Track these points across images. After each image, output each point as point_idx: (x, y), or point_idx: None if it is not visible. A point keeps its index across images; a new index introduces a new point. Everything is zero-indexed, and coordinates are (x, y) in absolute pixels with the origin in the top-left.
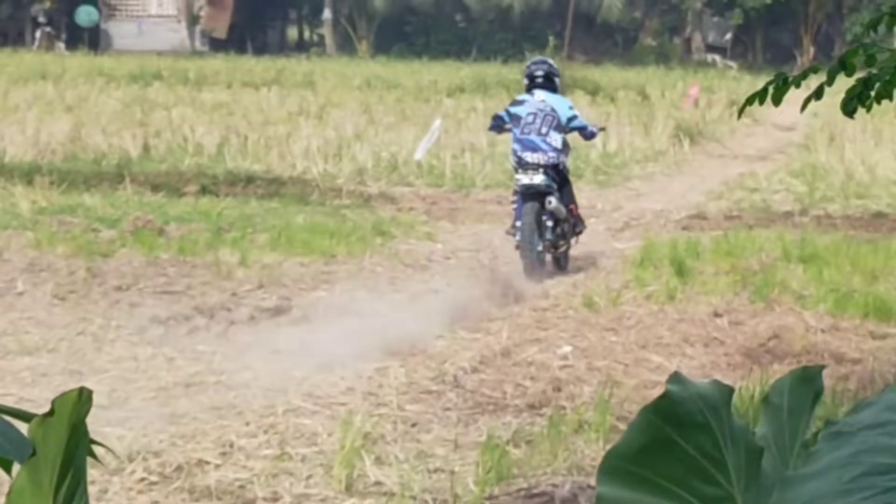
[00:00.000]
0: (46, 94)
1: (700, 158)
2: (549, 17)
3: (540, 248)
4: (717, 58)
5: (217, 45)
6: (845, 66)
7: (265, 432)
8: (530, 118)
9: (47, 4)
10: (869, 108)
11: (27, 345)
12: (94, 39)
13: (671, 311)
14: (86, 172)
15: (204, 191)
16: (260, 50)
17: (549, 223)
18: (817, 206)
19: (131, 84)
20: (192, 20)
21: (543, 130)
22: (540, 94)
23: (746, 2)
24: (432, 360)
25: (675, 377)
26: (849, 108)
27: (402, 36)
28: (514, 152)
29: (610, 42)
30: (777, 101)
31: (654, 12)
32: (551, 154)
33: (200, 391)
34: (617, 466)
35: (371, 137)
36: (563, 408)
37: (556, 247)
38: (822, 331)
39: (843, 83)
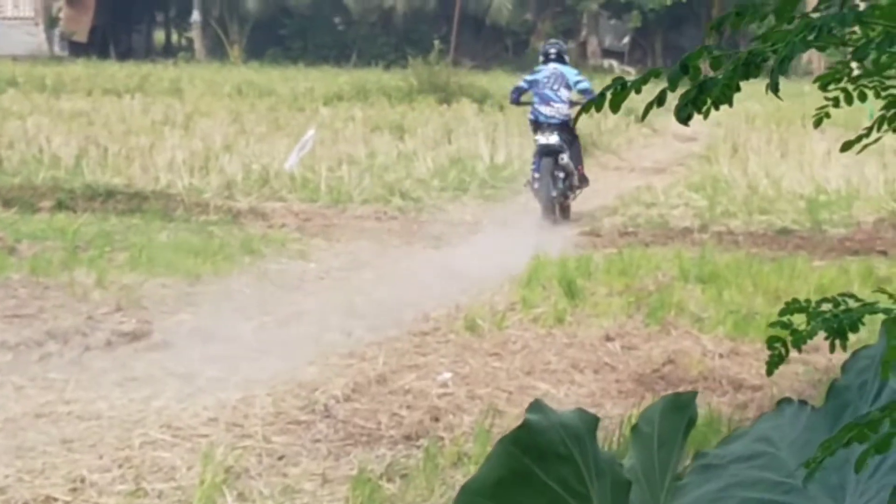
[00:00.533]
0: None
1: (594, 171)
2: (434, 19)
3: (554, 194)
4: (615, 63)
5: (78, 50)
6: (687, 70)
7: (119, 466)
8: (545, 79)
9: None
10: (706, 115)
11: None
12: None
13: (560, 334)
14: None
15: (60, 206)
16: (124, 55)
17: (561, 175)
18: (718, 221)
19: None
20: (51, 22)
21: (555, 87)
22: (552, 65)
23: (645, 3)
24: (302, 389)
25: (535, 405)
26: (683, 115)
27: (276, 40)
28: (533, 109)
29: (499, 46)
30: (615, 107)
31: (546, 14)
32: (562, 105)
33: (51, 422)
34: (472, 502)
35: (241, 149)
36: (441, 439)
37: (564, 196)
38: (721, 355)
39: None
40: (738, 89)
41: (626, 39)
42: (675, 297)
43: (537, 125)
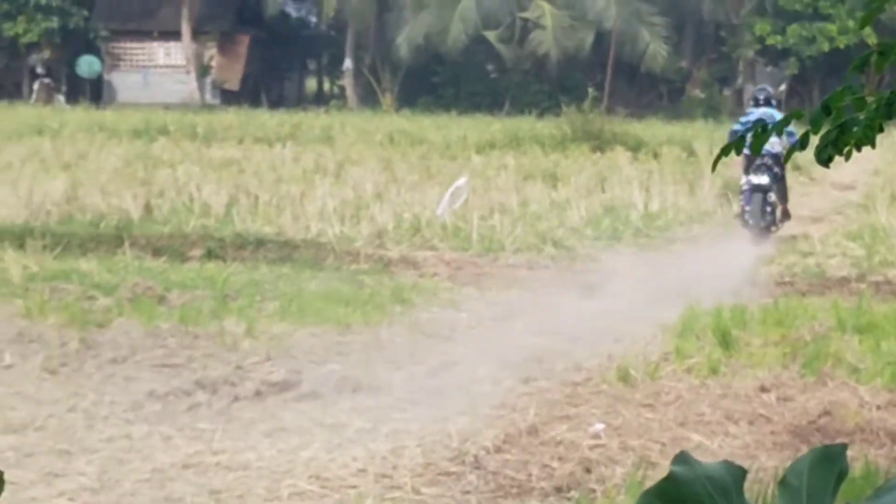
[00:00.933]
0: (42, 150)
1: None
2: (589, 66)
3: (763, 225)
4: None
5: (229, 98)
6: (830, 112)
7: None
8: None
9: (46, 54)
10: (848, 157)
11: (13, 422)
12: (96, 91)
13: (714, 385)
14: (82, 235)
15: (210, 255)
16: (276, 103)
17: (769, 209)
18: (876, 271)
19: (134, 140)
20: (203, 71)
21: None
22: (762, 108)
23: (802, 50)
24: (452, 439)
25: (681, 457)
26: (823, 156)
27: (429, 87)
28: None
29: (654, 94)
30: (756, 150)
31: (701, 62)
32: (774, 141)
33: (199, 473)
34: None
35: (392, 197)
36: (593, 491)
37: (769, 229)
38: (878, 407)
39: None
40: (881, 130)
41: (783, 87)
42: (831, 347)
43: (749, 165)
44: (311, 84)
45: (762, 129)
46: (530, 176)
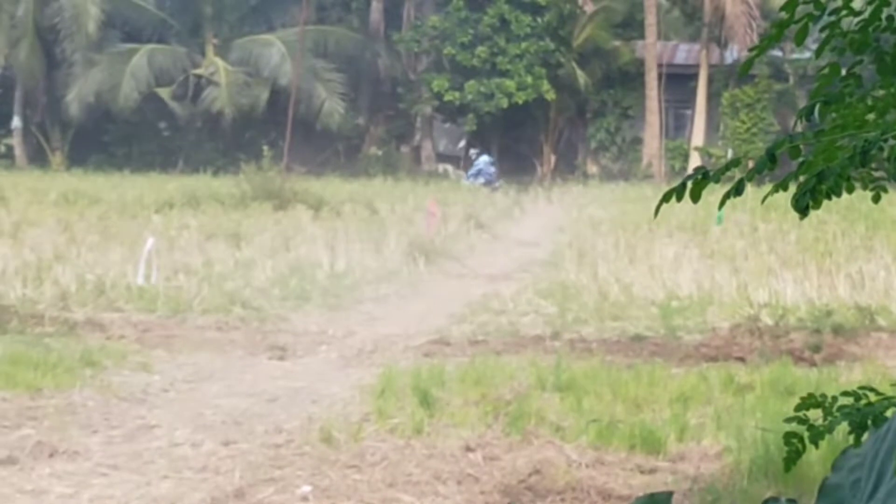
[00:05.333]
0: None
1: (438, 278)
2: (264, 123)
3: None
4: (450, 168)
5: None
6: (775, 160)
7: None
8: None
9: None
10: (818, 206)
11: None
12: None
13: (419, 445)
14: None
15: None
16: None
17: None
18: (570, 328)
19: None
20: None
21: None
22: (482, 157)
23: (481, 106)
24: None
25: None
26: (801, 204)
27: (100, 146)
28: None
29: (331, 151)
30: (696, 197)
31: (378, 119)
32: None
33: None
34: None
35: (73, 258)
36: None
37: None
38: (586, 465)
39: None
40: (848, 179)
41: (462, 144)
42: (533, 405)
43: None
44: None
45: (703, 176)
46: (213, 235)
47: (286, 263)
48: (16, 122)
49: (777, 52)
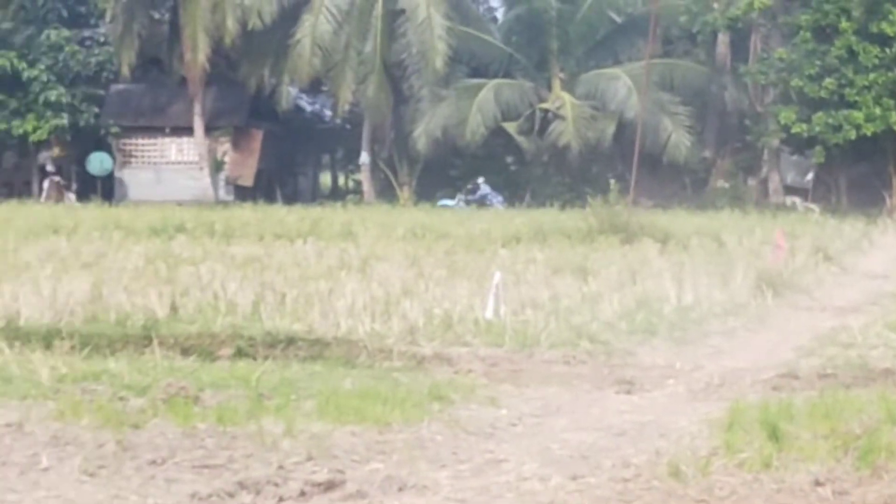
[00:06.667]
0: (60, 249)
1: (785, 311)
2: (609, 158)
3: None
4: (798, 200)
5: (243, 194)
6: None
7: None
8: None
9: (56, 152)
10: None
11: None
12: (107, 189)
13: (767, 479)
14: (109, 335)
15: (240, 353)
16: (290, 198)
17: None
18: None
19: (153, 237)
20: (216, 167)
21: None
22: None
23: (828, 139)
24: None
25: None
26: None
27: (447, 180)
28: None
29: (678, 184)
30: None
31: (725, 151)
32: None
33: None
34: None
35: (421, 293)
36: None
37: None
38: None
39: None
40: None
41: (810, 176)
42: (883, 440)
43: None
44: (325, 179)
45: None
46: (559, 269)
47: (633, 297)
48: (364, 157)
49: None
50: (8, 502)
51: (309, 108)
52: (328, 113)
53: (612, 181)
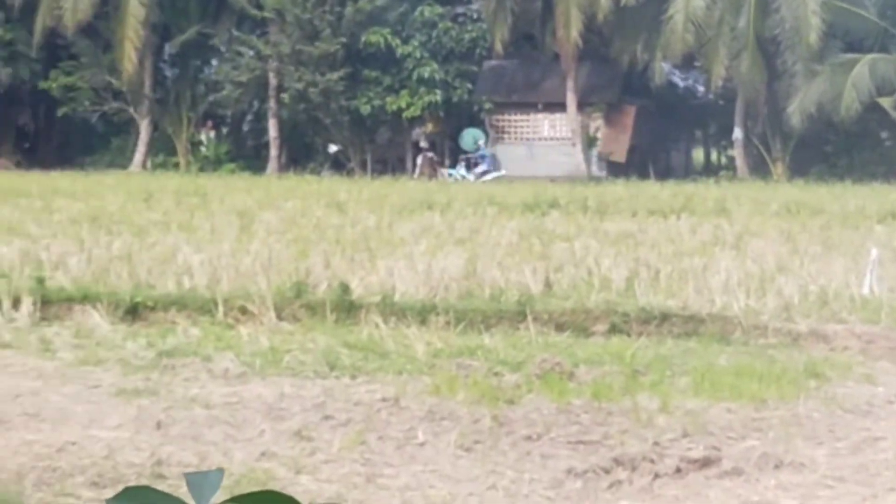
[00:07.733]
0: (434, 225)
1: None
2: None
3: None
4: None
5: (615, 170)
6: None
7: None
8: None
9: (429, 128)
10: None
11: (434, 500)
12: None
13: None
14: (483, 310)
15: (614, 329)
16: (663, 174)
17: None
18: None
19: (526, 213)
20: (589, 143)
21: None
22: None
23: None
24: None
25: None
26: None
27: (821, 156)
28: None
29: None
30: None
31: None
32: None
33: None
34: None
35: (796, 269)
36: None
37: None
38: None
39: None
40: None
41: None
42: None
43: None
44: (697, 154)
45: None
46: None
47: None
48: (737, 133)
49: None
50: (385, 476)
51: (681, 84)
52: (701, 88)
53: None
